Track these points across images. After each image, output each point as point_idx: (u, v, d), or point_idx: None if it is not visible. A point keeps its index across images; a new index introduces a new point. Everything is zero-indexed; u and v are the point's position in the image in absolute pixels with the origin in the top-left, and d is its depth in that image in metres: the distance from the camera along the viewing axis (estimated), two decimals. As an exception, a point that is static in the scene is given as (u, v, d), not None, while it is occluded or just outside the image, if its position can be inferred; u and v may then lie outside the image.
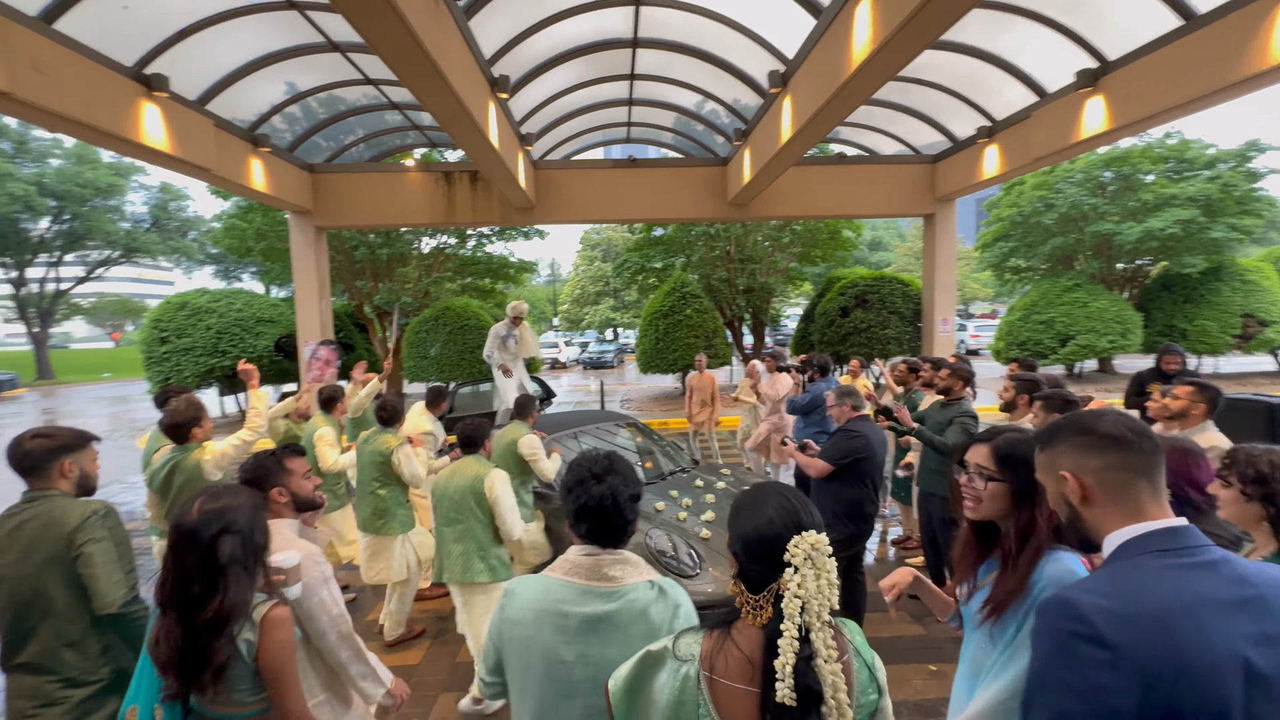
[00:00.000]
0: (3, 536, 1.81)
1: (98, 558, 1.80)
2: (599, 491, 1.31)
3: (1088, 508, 1.05)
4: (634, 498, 1.36)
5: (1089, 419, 1.07)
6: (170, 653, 1.34)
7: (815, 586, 0.97)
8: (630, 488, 1.36)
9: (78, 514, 1.83)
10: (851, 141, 10.04)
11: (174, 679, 1.35)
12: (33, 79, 4.63)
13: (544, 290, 46.33)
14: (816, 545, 0.99)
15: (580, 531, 1.34)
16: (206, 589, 1.36)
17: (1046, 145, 7.07)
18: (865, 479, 3.30)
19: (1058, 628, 0.92)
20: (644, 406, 13.64)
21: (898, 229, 53.99)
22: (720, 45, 6.94)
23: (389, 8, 3.72)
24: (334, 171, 9.35)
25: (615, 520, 1.32)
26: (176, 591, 1.37)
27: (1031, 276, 18.01)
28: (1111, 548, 1.01)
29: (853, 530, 3.33)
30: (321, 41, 6.45)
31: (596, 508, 1.31)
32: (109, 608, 1.80)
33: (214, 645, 1.35)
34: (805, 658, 0.94)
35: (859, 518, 3.32)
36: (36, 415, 17.12)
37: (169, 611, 1.37)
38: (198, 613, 1.35)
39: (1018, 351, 13.64)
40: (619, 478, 1.34)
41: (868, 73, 4.82)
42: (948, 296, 10.15)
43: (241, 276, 36.04)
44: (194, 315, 12.00)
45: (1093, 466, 1.04)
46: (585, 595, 1.27)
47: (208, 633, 1.35)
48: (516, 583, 1.36)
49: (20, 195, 23.64)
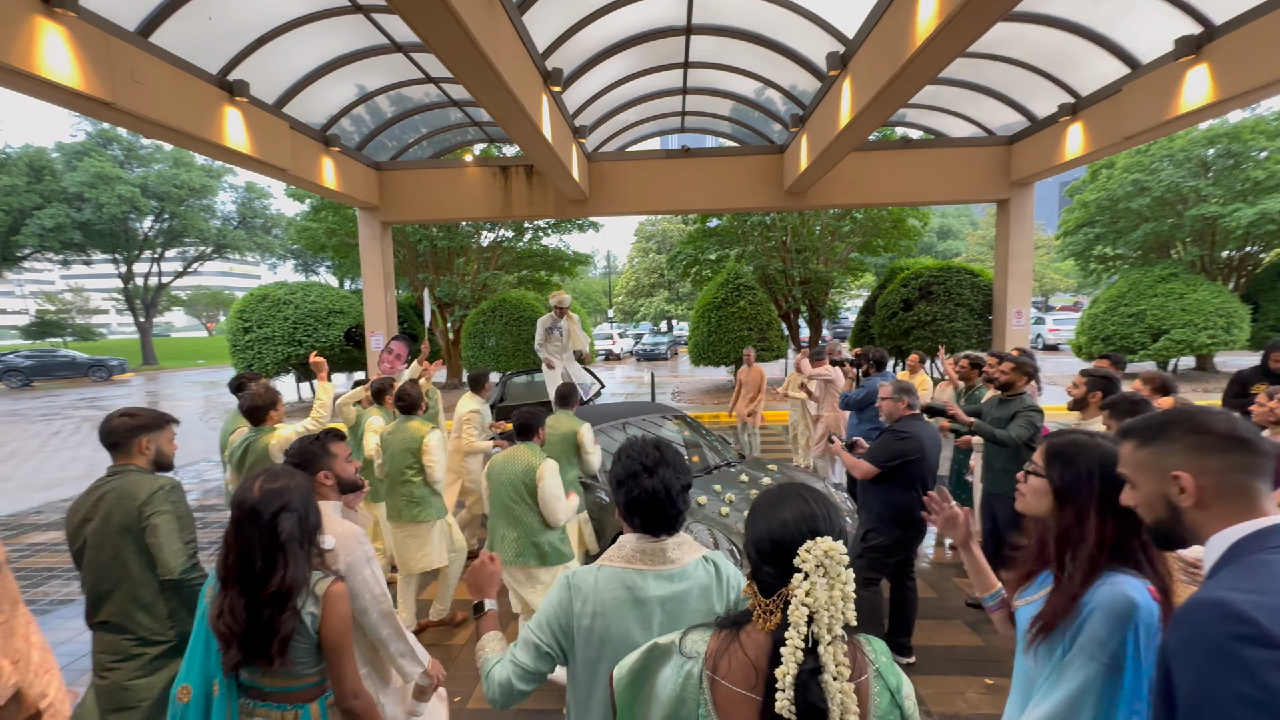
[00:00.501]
0: (88, 505, 2.01)
1: (162, 529, 1.97)
2: (651, 485, 1.31)
3: (1199, 510, 0.98)
4: (685, 487, 1.36)
5: (1203, 417, 1.01)
6: (235, 625, 1.42)
7: (826, 597, 0.91)
8: (681, 478, 1.35)
9: (146, 488, 2.00)
10: (917, 124, 9.54)
11: (237, 650, 1.43)
12: (132, 89, 5.05)
13: (599, 282, 46.75)
14: (830, 553, 0.93)
15: (634, 523, 1.34)
16: (268, 564, 1.44)
17: (1139, 122, 6.46)
18: (915, 482, 3.12)
19: (1212, 634, 0.80)
20: (695, 399, 13.56)
21: (970, 216, 51.07)
22: (776, 28, 6.73)
23: (443, 6, 3.82)
24: (398, 168, 9.74)
25: (669, 511, 1.32)
26: (239, 566, 1.44)
27: (1120, 265, 16.60)
28: (1223, 547, 0.94)
29: (900, 535, 3.18)
30: (385, 43, 6.71)
31: (650, 500, 1.31)
32: (170, 574, 1.97)
33: (279, 619, 1.42)
34: (811, 671, 0.89)
35: (908, 523, 3.16)
36: (141, 397, 18.87)
37: (231, 585, 1.45)
38: (261, 588, 1.42)
39: (1101, 347, 12.62)
40: (670, 469, 1.34)
41: (934, 49, 4.55)
42: (1022, 288, 9.51)
43: (318, 270, 38.40)
44: (273, 307, 12.86)
45: (1213, 468, 0.97)
46: (655, 579, 1.30)
47: (272, 606, 1.42)
48: (578, 577, 1.35)
49: (127, 197, 26.01)
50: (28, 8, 4.23)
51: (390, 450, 3.68)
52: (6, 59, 4.07)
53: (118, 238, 27.91)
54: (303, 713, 1.51)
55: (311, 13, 5.97)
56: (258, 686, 1.51)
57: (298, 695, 1.52)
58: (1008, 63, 7.20)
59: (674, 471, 1.34)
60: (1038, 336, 23.14)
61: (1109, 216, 15.55)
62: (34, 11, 4.27)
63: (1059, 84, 7.37)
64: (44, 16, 4.32)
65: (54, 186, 25.65)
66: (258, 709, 1.50)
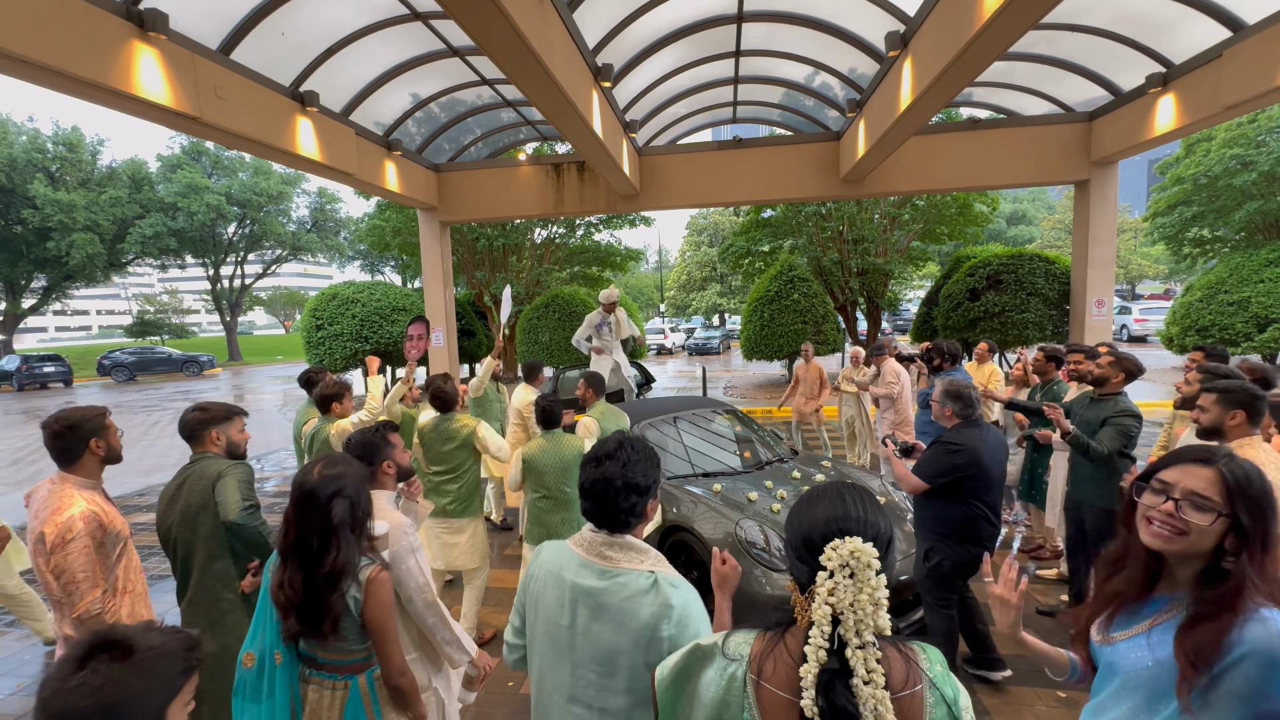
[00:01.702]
0: (172, 492, 2.27)
1: (228, 484, 2.23)
2: (593, 475, 1.34)
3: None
4: (635, 487, 1.33)
5: None
6: (293, 597, 1.52)
7: (852, 599, 0.88)
8: (634, 475, 1.33)
9: (216, 469, 2.27)
10: (985, 103, 9.00)
11: (294, 621, 1.54)
12: (215, 104, 5.44)
13: (650, 277, 46.82)
14: (857, 554, 0.90)
15: (584, 508, 1.38)
16: (323, 545, 1.53)
17: (1242, 90, 5.86)
18: (973, 498, 2.80)
19: None
20: (748, 394, 13.37)
21: (1044, 199, 47.91)
22: (830, 10, 6.51)
23: (495, 9, 3.90)
24: (456, 169, 10.06)
25: (606, 505, 1.33)
26: (297, 543, 1.55)
27: (1219, 249, 15.18)
28: None
29: (961, 556, 2.84)
30: (442, 48, 6.93)
31: (589, 489, 1.34)
32: (229, 516, 2.19)
33: (330, 598, 1.52)
34: (837, 673, 0.86)
35: (969, 539, 2.83)
36: (228, 390, 20.39)
37: (291, 560, 1.55)
38: (316, 567, 1.52)
39: (1197, 338, 11.58)
40: (617, 464, 1.33)
41: (1004, 22, 4.27)
42: (1104, 275, 8.84)
43: (383, 270, 40.28)
44: (342, 305, 13.59)
45: None
46: (582, 567, 1.34)
47: (324, 586, 1.52)
48: (546, 544, 1.45)
49: (215, 205, 28.13)
50: (126, 33, 4.62)
51: (434, 448, 3.61)
52: (109, 81, 4.47)
53: (206, 243, 30.24)
54: (352, 684, 1.62)
55: (375, 23, 6.24)
56: (313, 656, 1.63)
57: (347, 667, 1.62)
58: (1087, 32, 6.68)
59: (623, 468, 1.32)
60: (1122, 327, 21.45)
61: (1207, 195, 14.24)
62: (131, 36, 4.66)
63: (1147, 52, 6.78)
64: (140, 40, 4.72)
65: (151, 197, 28.06)
66: (313, 677, 1.63)
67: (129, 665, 0.84)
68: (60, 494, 1.97)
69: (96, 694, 0.80)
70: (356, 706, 1.60)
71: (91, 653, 0.84)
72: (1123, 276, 37.48)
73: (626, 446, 1.38)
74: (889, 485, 4.21)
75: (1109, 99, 7.90)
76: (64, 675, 0.81)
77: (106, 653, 0.84)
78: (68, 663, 0.83)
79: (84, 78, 4.32)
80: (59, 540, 1.88)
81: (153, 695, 0.86)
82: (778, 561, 3.24)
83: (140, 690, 0.84)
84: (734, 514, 3.56)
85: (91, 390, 22.00)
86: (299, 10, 5.70)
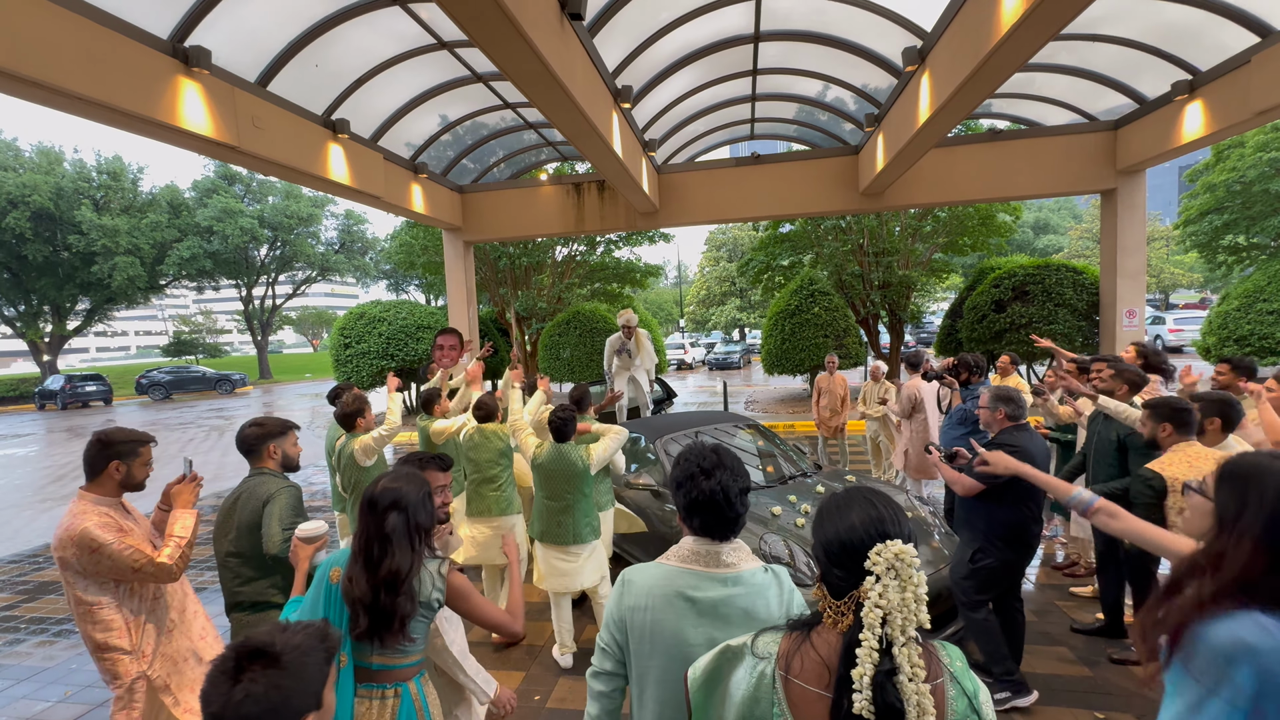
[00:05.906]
0: (230, 504, 2.37)
1: (273, 514, 2.28)
2: (709, 487, 1.33)
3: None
4: (743, 490, 1.37)
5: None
6: (363, 593, 1.58)
7: (899, 599, 0.91)
8: (739, 481, 1.36)
9: (267, 489, 2.34)
10: (1005, 114, 8.95)
11: (365, 617, 1.58)
12: (253, 133, 5.69)
13: (670, 292, 46.94)
14: (901, 555, 0.93)
15: (693, 525, 1.37)
16: (382, 551, 1.60)
17: (1273, 95, 5.75)
18: (1026, 499, 2.88)
19: None
20: (769, 408, 13.29)
21: (1071, 209, 47.06)
22: (847, 27, 6.58)
23: (518, 36, 4.04)
24: (479, 190, 10.31)
25: (727, 514, 1.34)
26: (365, 547, 1.62)
27: (1256, 255, 14.72)
28: None
29: (1010, 557, 2.94)
30: (466, 74, 7.16)
31: (708, 502, 1.33)
32: (270, 549, 2.25)
33: (394, 602, 1.57)
34: (886, 672, 0.90)
35: (1018, 542, 2.93)
36: (259, 408, 20.91)
37: (359, 558, 1.63)
38: (377, 570, 1.59)
39: (1235, 348, 11.20)
40: (727, 472, 1.35)
41: (1023, 34, 4.28)
42: (1135, 285, 8.66)
43: (408, 289, 41.10)
44: (370, 324, 13.91)
45: None
46: (708, 580, 1.32)
47: (386, 590, 1.58)
48: (632, 572, 1.42)
49: (248, 228, 29.11)
50: (171, 69, 4.89)
51: (478, 457, 3.92)
52: (155, 114, 4.72)
53: (239, 265, 31.25)
54: (403, 691, 1.64)
55: (403, 52, 6.48)
56: (366, 666, 1.63)
57: (400, 673, 1.65)
58: (1109, 42, 6.64)
59: (731, 474, 1.35)
60: (1156, 338, 20.82)
61: (1241, 201, 13.88)
62: (177, 72, 4.92)
63: (1172, 60, 6.70)
64: (184, 75, 4.98)
65: (189, 221, 29.15)
66: (360, 689, 1.63)
67: (282, 668, 0.94)
68: (74, 510, 2.07)
69: (263, 700, 0.91)
70: (410, 715, 1.63)
71: (241, 664, 0.93)
72: (1155, 286, 36.45)
73: (723, 454, 1.40)
74: (915, 500, 4.15)
75: (1134, 107, 7.80)
76: (225, 690, 0.91)
77: (256, 661, 0.94)
78: (223, 677, 0.92)
79: (132, 111, 4.56)
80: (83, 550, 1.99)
81: (309, 685, 0.97)
82: (804, 577, 3.21)
83: (298, 686, 0.95)
84: (758, 529, 3.55)
85: (130, 408, 22.78)
86: (333, 42, 5.96)
